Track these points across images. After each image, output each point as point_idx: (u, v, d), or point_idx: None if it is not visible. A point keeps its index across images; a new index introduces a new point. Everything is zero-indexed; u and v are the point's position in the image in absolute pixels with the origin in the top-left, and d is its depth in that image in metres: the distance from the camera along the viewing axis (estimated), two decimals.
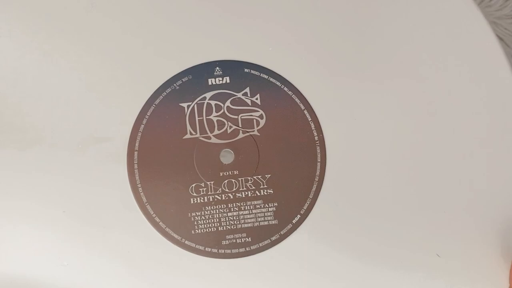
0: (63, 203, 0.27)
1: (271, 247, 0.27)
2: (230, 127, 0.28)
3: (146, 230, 0.27)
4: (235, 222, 0.27)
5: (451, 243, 0.26)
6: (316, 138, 0.27)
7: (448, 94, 0.27)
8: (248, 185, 0.27)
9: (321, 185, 0.27)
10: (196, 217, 0.27)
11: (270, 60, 0.28)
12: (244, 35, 0.28)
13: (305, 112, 0.28)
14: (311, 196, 0.27)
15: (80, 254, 0.27)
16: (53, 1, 0.29)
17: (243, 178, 0.27)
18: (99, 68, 0.28)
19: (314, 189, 0.27)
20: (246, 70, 0.28)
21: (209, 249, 0.27)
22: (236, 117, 0.28)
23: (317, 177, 0.27)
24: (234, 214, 0.27)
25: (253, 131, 0.28)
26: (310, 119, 0.28)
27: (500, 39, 0.57)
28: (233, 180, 0.27)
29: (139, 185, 0.27)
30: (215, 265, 0.27)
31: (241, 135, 0.28)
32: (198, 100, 0.28)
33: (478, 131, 0.27)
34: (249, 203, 0.27)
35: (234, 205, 0.27)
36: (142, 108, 0.28)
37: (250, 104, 0.28)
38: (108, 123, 0.28)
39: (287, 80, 0.28)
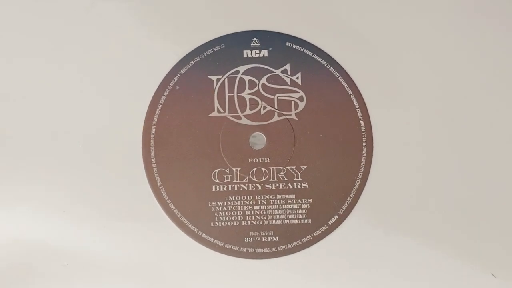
0: (68, 185, 0.23)
1: (301, 249, 0.23)
2: (264, 107, 0.24)
3: (159, 218, 0.23)
4: (262, 217, 0.23)
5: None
6: (363, 128, 0.24)
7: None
8: (280, 176, 0.23)
9: (365, 183, 0.23)
10: (217, 208, 0.23)
11: (316, 34, 0.24)
12: (288, 4, 0.25)
13: (353, 97, 0.24)
14: (352, 195, 0.23)
15: (84, 240, 0.23)
16: None
17: (274, 168, 0.24)
18: (119, 29, 0.24)
19: (356, 187, 0.23)
20: (287, 44, 0.24)
21: (229, 246, 0.23)
22: (272, 96, 0.24)
23: (361, 173, 0.23)
24: (261, 208, 0.23)
25: (291, 114, 0.24)
26: (357, 107, 0.24)
27: None
28: (263, 169, 0.24)
29: (154, 165, 0.23)
30: (235, 265, 0.23)
31: (276, 118, 0.24)
32: (230, 74, 0.24)
33: None
34: (279, 196, 0.23)
35: (262, 198, 0.23)
36: (165, 77, 0.24)
37: (289, 84, 0.24)
38: (125, 92, 0.24)
39: (334, 59, 0.24)
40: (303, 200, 0.23)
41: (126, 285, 0.23)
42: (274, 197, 0.23)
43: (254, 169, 0.24)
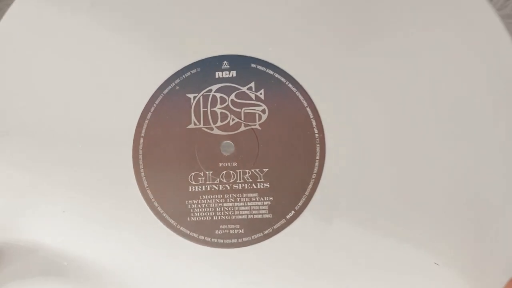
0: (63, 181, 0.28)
1: (263, 240, 0.27)
2: (233, 119, 0.28)
3: (145, 213, 0.28)
4: (230, 213, 0.27)
5: (450, 249, 0.25)
6: (316, 135, 0.27)
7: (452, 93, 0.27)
8: (245, 177, 0.28)
9: (318, 182, 0.27)
10: (193, 205, 0.28)
11: (276, 56, 0.29)
12: (252, 32, 0.29)
13: (308, 109, 0.28)
14: (307, 193, 0.27)
15: (83, 238, 0.28)
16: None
17: (241, 170, 0.28)
18: (109, 56, 0.30)
19: (310, 186, 0.27)
20: (252, 65, 0.29)
21: (203, 237, 0.27)
22: (239, 110, 0.28)
23: (315, 174, 0.27)
24: (230, 205, 0.27)
25: (255, 125, 0.28)
26: (312, 117, 0.28)
27: None
28: (231, 172, 0.28)
29: (142, 170, 0.28)
30: (207, 253, 0.27)
31: (242, 128, 0.28)
32: (204, 92, 0.29)
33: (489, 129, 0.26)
34: (245, 195, 0.27)
35: (230, 196, 0.27)
36: (151, 97, 0.29)
37: (253, 99, 0.28)
38: (117, 109, 0.29)
39: (292, 77, 0.28)
40: (265, 198, 0.27)
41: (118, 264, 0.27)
42: (240, 196, 0.27)
43: (224, 172, 0.28)
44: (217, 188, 0.28)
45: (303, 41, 0.29)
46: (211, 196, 0.28)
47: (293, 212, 0.27)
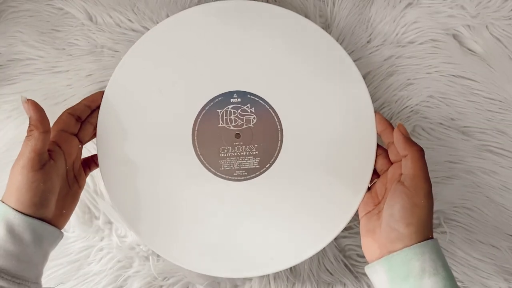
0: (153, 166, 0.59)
1: (255, 177, 0.59)
2: (240, 122, 0.60)
3: (199, 167, 0.59)
4: (240, 165, 0.59)
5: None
6: (279, 128, 0.59)
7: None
8: (246, 149, 0.59)
9: (280, 151, 0.59)
10: (222, 162, 0.59)
11: (260, 91, 0.60)
12: (248, 78, 0.60)
13: (275, 118, 0.60)
14: (275, 156, 0.59)
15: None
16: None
17: (245, 146, 0.59)
18: (180, 88, 0.60)
19: (276, 152, 0.59)
20: (249, 96, 0.60)
21: (228, 177, 0.59)
22: (242, 117, 0.60)
23: (279, 147, 0.59)
24: (239, 161, 0.59)
25: (250, 125, 0.60)
26: (277, 120, 0.59)
27: (498, 40, 0.61)
28: (240, 146, 0.59)
29: (197, 146, 0.59)
30: (229, 185, 0.59)
31: (245, 126, 0.60)
32: (225, 108, 0.60)
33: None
34: (246, 158, 0.59)
35: (239, 158, 0.59)
36: (199, 110, 0.60)
37: (249, 112, 0.60)
38: (184, 117, 0.60)
39: (267, 101, 0.60)
40: (256, 158, 0.59)
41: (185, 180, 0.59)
42: (245, 157, 0.59)
43: (236, 146, 0.59)
44: (233, 154, 0.59)
45: (274, 83, 0.60)
46: (231, 158, 0.59)
47: (269, 164, 0.59)
